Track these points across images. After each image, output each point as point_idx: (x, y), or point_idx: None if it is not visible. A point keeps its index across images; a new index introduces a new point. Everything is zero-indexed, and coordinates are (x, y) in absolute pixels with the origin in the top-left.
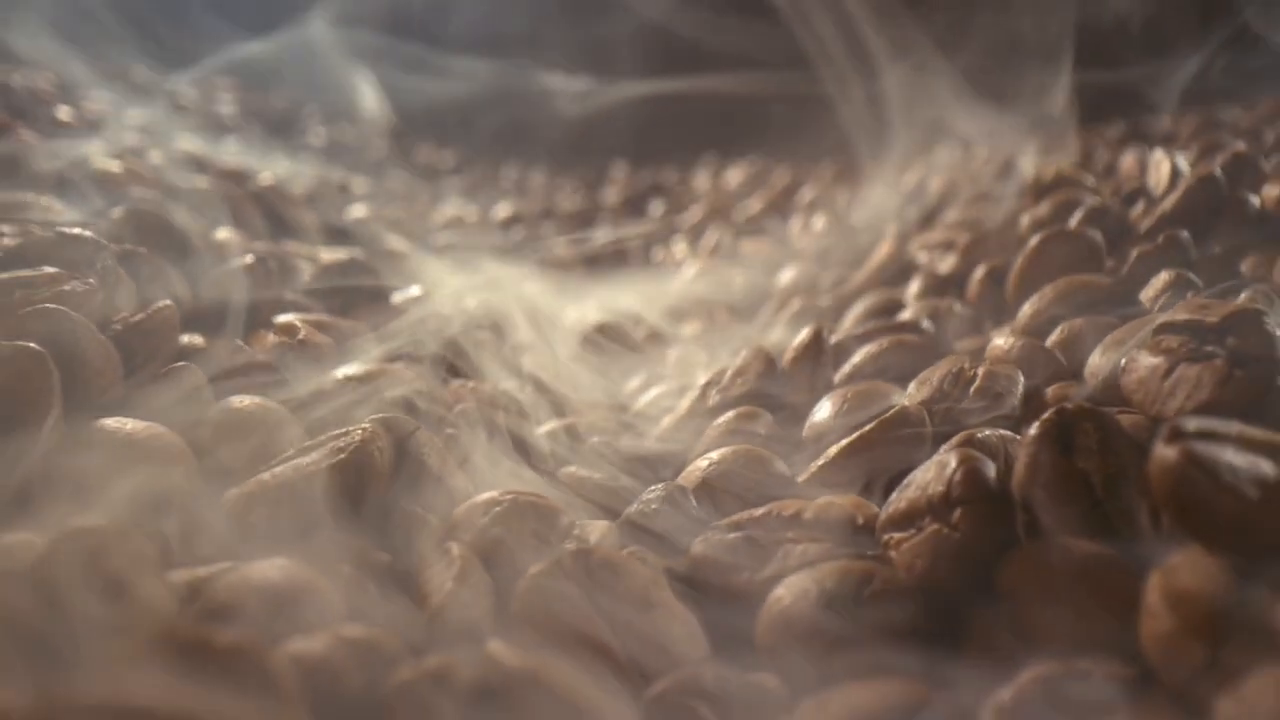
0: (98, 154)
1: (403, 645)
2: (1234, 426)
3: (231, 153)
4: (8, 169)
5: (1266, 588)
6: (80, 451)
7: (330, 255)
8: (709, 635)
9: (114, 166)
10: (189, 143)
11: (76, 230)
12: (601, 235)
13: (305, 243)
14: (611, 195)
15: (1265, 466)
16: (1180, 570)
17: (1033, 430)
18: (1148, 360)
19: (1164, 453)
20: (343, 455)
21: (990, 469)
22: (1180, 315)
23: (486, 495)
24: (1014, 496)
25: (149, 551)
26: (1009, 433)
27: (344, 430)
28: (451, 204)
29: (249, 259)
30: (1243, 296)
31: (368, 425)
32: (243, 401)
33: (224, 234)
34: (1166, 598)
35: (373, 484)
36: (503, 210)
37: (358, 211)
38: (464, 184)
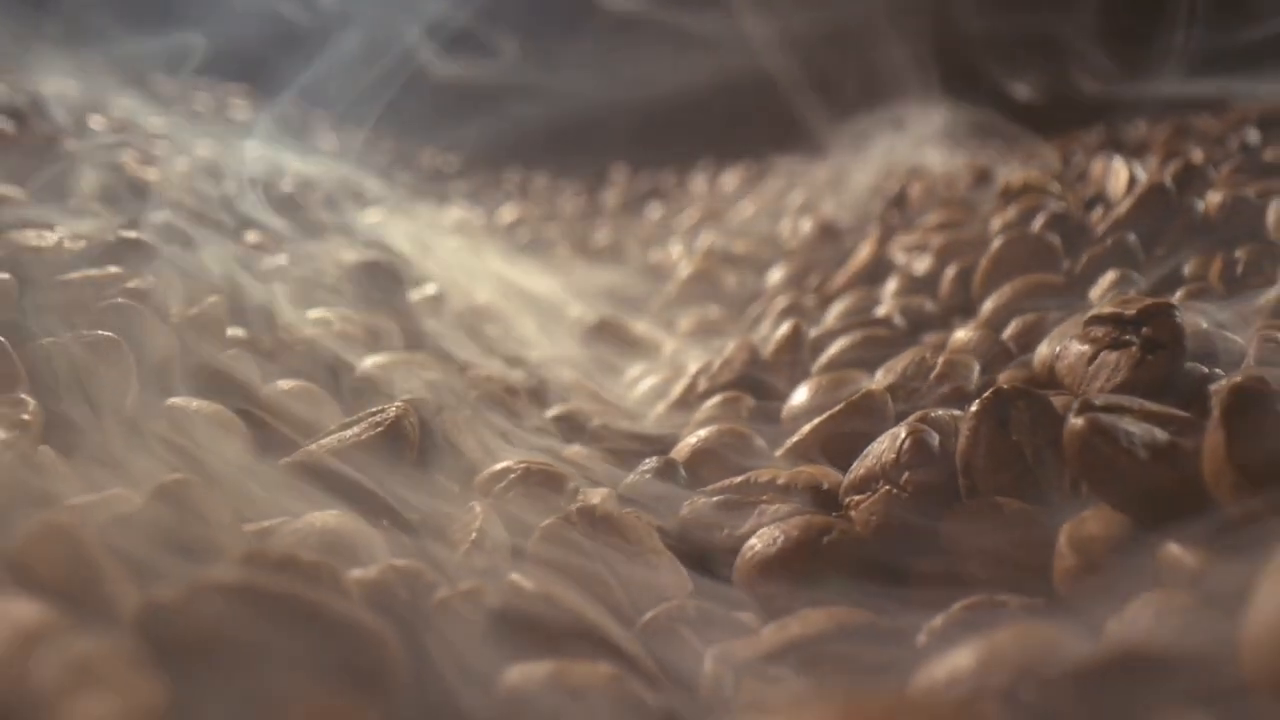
0: (132, 162)
1: (440, 575)
2: (1135, 401)
3: (251, 159)
4: (59, 178)
5: (1156, 533)
6: (157, 424)
7: (353, 255)
8: (693, 580)
9: (151, 175)
10: (208, 149)
11: (133, 234)
12: (602, 238)
13: (328, 243)
14: (611, 198)
15: (1157, 434)
16: (1088, 521)
17: (973, 408)
18: (1077, 348)
19: (1074, 422)
20: (380, 429)
21: (935, 440)
22: (1106, 309)
23: (502, 464)
24: (957, 464)
25: (225, 503)
26: (960, 412)
27: (379, 408)
28: (458, 206)
29: (282, 259)
30: (1179, 294)
31: (400, 404)
32: (288, 384)
33: (253, 236)
34: (1072, 542)
35: (405, 454)
36: (508, 214)
37: (374, 215)
38: (468, 187)
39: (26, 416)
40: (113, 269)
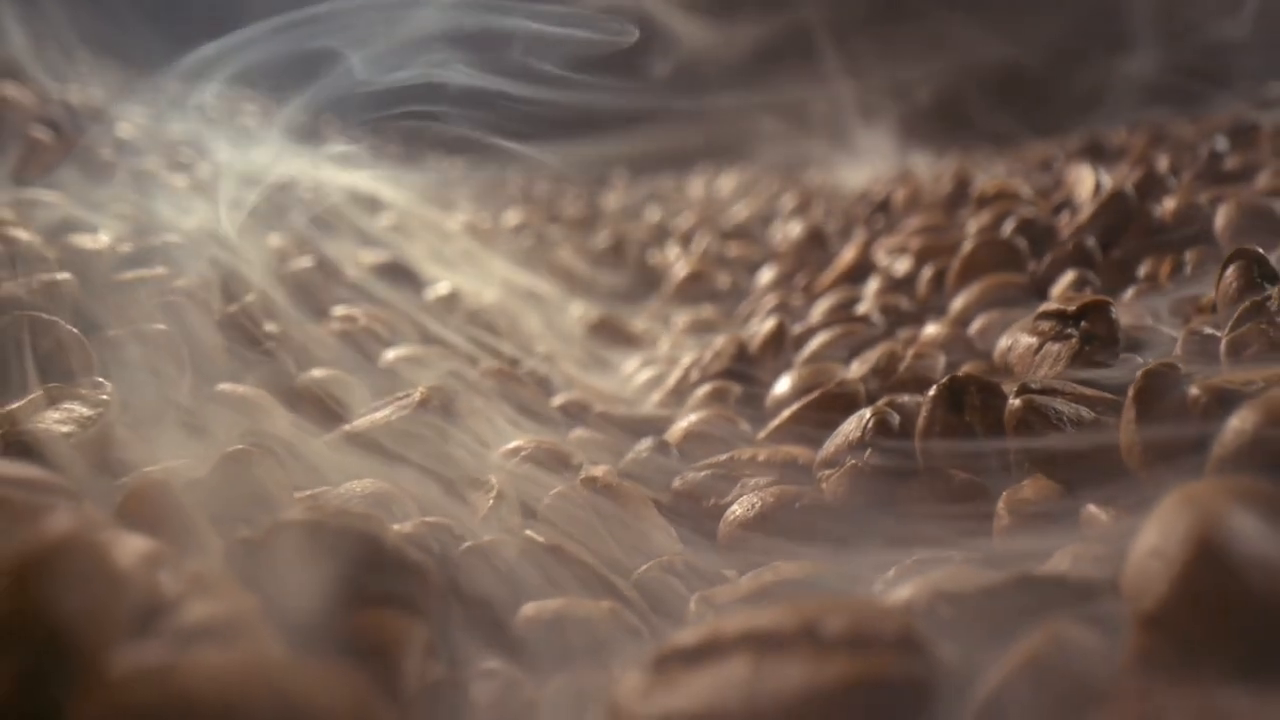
0: (162, 170)
1: (465, 531)
2: (1069, 385)
3: (267, 163)
4: (97, 184)
5: (1079, 497)
6: (210, 406)
7: (372, 257)
8: (682, 540)
9: (180, 182)
10: (226, 154)
11: (176, 238)
12: (602, 240)
13: (346, 245)
14: (612, 202)
15: (1084, 412)
16: (1024, 488)
17: (931, 393)
18: (1025, 340)
19: (1012, 403)
20: (405, 411)
21: (895, 420)
22: (1052, 305)
23: (514, 443)
24: (916, 441)
25: (279, 472)
26: (922, 397)
27: (405, 393)
28: (463, 210)
29: (307, 261)
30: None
31: (422, 389)
32: (320, 372)
33: (276, 240)
34: (1009, 506)
35: (427, 434)
36: (512, 217)
37: (387, 218)
38: (472, 190)
39: (105, 397)
40: (160, 269)
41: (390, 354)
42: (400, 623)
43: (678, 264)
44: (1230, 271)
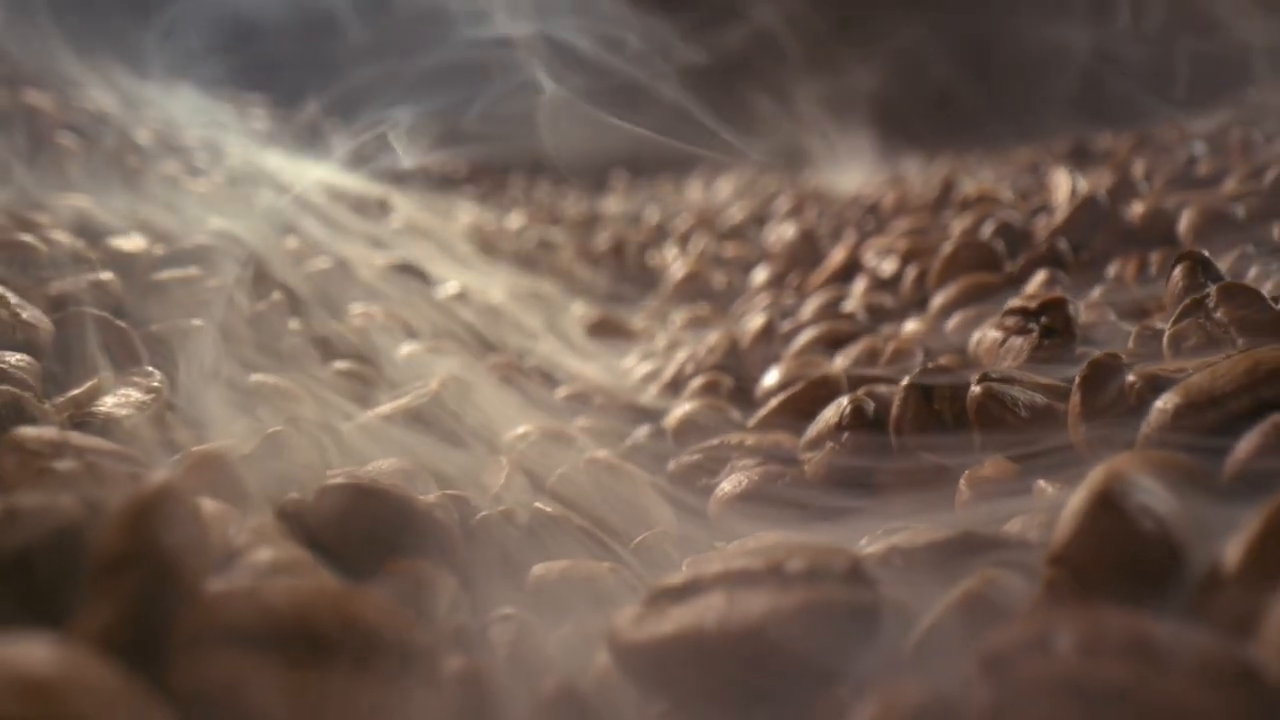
0: (180, 174)
1: (481, 503)
2: (1025, 375)
3: (278, 167)
4: (132, 191)
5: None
6: (244, 392)
7: (385, 259)
8: (676, 515)
9: (201, 187)
10: (239, 158)
11: (204, 240)
12: (602, 241)
13: (358, 247)
14: (612, 205)
15: (1037, 398)
16: (984, 467)
17: (904, 383)
18: (992, 335)
19: (973, 390)
20: (424, 399)
21: (870, 407)
22: (1016, 303)
23: (522, 429)
24: (890, 426)
25: (314, 450)
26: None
27: (422, 383)
28: (468, 212)
29: (323, 261)
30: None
31: (438, 379)
32: (343, 364)
33: (291, 242)
34: (970, 483)
35: (442, 420)
36: (516, 219)
37: (397, 220)
38: (476, 192)
39: (156, 384)
40: (193, 270)
41: (405, 348)
42: (431, 571)
43: (675, 264)
44: (1177, 272)
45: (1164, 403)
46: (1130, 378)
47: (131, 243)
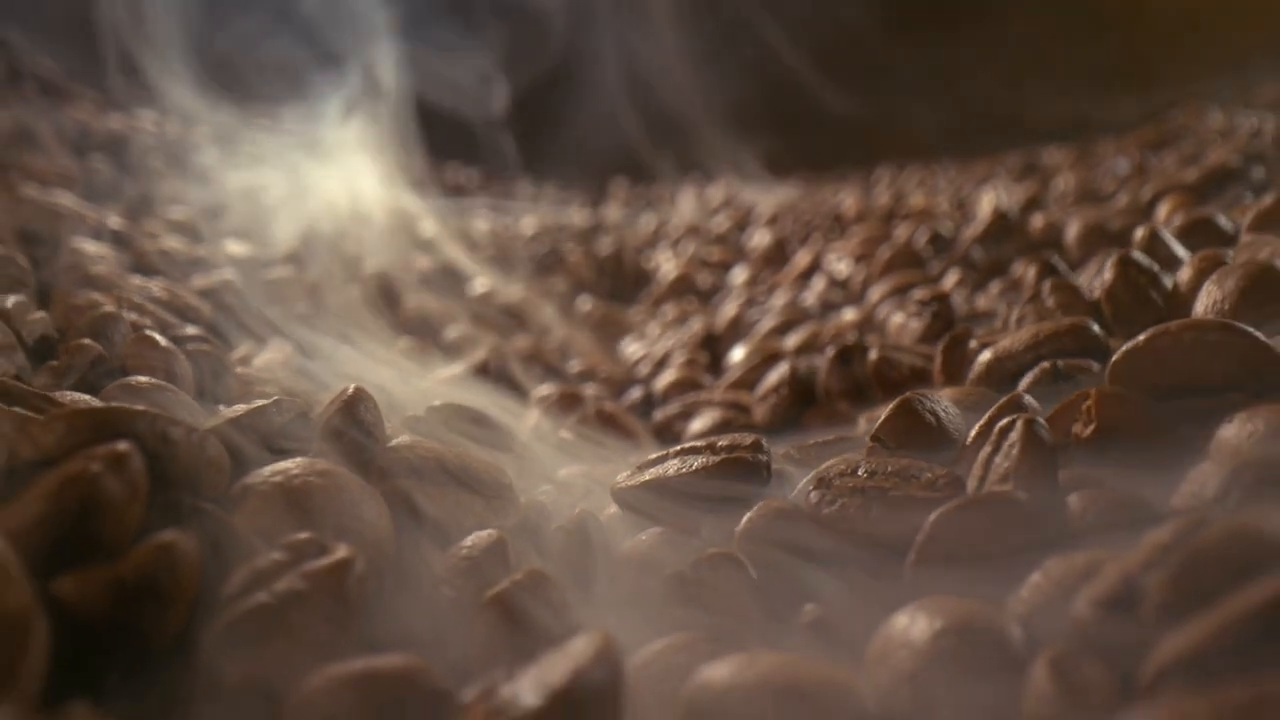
0: (236, 196)
1: (514, 442)
2: (913, 345)
3: (322, 179)
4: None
5: None
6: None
7: (424, 263)
8: (658, 444)
9: (270, 199)
10: (295, 173)
11: (291, 244)
12: (605, 246)
13: (406, 251)
14: (613, 211)
15: (917, 361)
16: (877, 410)
17: (829, 353)
18: (897, 319)
19: (872, 356)
20: (472, 367)
21: (803, 369)
22: (918, 296)
23: (544, 391)
24: (818, 386)
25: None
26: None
27: (468, 356)
28: (483, 218)
29: (378, 266)
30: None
31: (480, 356)
32: (405, 342)
33: (350, 246)
34: (867, 420)
35: (488, 383)
36: (528, 225)
37: (429, 229)
38: (488, 200)
39: (289, 349)
40: (291, 269)
41: (451, 333)
42: (480, 506)
43: (667, 267)
44: (1031, 271)
45: (984, 356)
46: (972, 343)
47: (240, 246)
